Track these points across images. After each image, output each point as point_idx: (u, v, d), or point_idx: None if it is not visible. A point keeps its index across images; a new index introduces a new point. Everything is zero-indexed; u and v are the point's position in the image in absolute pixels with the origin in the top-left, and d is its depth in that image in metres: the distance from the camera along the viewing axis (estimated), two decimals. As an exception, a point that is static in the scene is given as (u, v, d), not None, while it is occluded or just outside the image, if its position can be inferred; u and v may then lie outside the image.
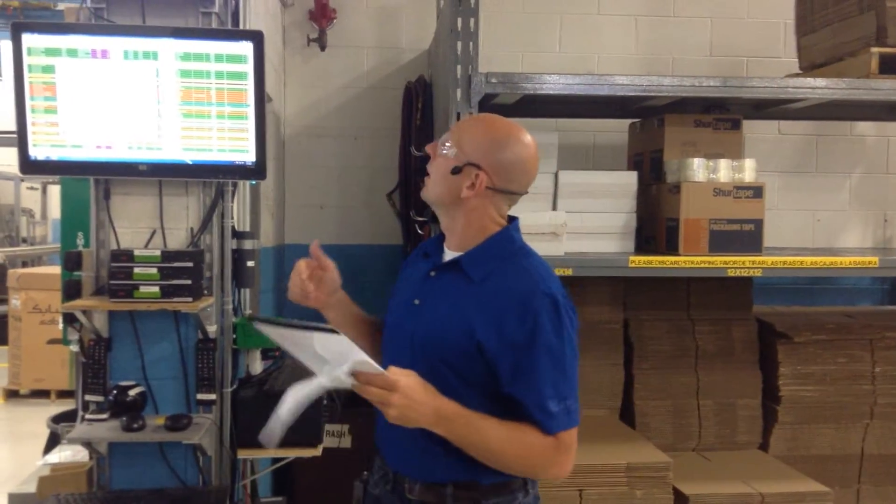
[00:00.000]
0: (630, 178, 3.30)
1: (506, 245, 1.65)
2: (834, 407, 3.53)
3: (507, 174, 1.63)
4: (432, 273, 1.68)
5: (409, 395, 1.44)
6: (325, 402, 2.73)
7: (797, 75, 3.68)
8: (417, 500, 1.63)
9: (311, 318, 1.46)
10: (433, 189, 1.67)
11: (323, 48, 3.92)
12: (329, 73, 3.99)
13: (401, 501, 1.66)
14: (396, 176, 3.90)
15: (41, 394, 6.58)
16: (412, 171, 3.73)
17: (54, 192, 10.12)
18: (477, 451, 1.53)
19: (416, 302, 1.66)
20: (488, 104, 3.34)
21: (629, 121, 3.73)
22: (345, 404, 3.00)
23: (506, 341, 1.53)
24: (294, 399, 1.44)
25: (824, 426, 3.54)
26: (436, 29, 3.71)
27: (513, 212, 2.03)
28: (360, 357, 1.40)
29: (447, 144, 1.64)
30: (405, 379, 1.45)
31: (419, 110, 3.72)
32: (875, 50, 3.21)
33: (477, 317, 1.55)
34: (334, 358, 1.43)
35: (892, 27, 3.23)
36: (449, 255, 1.68)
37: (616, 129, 3.85)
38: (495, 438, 1.52)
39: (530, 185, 1.68)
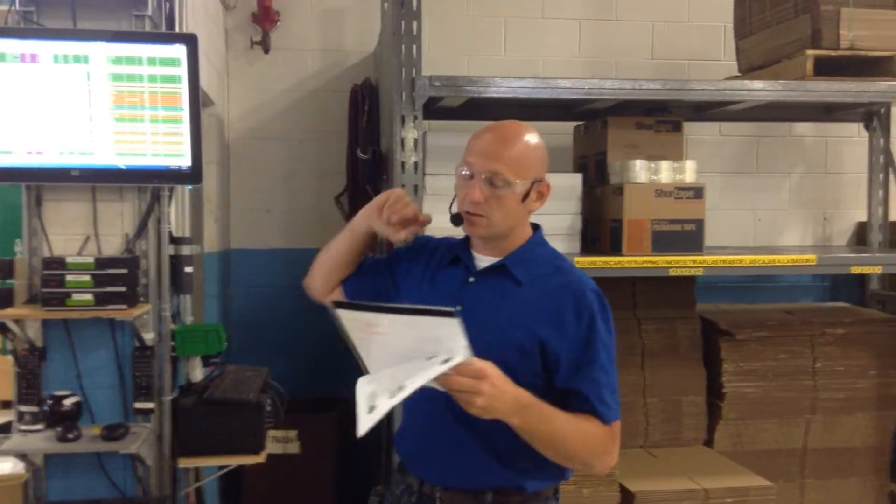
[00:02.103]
0: (575, 181, 3.33)
1: (543, 248, 1.73)
2: (776, 402, 3.59)
3: (546, 167, 1.73)
4: (471, 279, 1.69)
5: (497, 384, 1.44)
6: (268, 408, 2.70)
7: (736, 78, 3.76)
8: None
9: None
10: (503, 225, 1.65)
11: (267, 51, 3.88)
12: (273, 75, 3.96)
13: None
14: (344, 179, 3.88)
15: (-15, 405, 6.42)
16: (360, 174, 3.72)
17: None
18: (545, 440, 1.55)
19: (458, 308, 1.62)
20: (433, 107, 3.35)
21: (574, 123, 3.77)
22: (289, 410, 2.98)
23: (567, 338, 1.59)
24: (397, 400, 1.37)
25: (767, 421, 3.59)
26: (380, 31, 3.70)
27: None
28: (464, 342, 1.38)
29: (504, 180, 1.61)
30: (491, 368, 1.45)
31: (366, 113, 3.71)
32: (810, 52, 3.29)
33: (537, 317, 1.61)
34: (425, 346, 1.40)
35: (827, 30, 3.31)
36: (483, 259, 1.71)
37: (562, 132, 3.87)
38: (562, 428, 1.55)
39: None
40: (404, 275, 1.81)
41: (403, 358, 1.42)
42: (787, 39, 3.49)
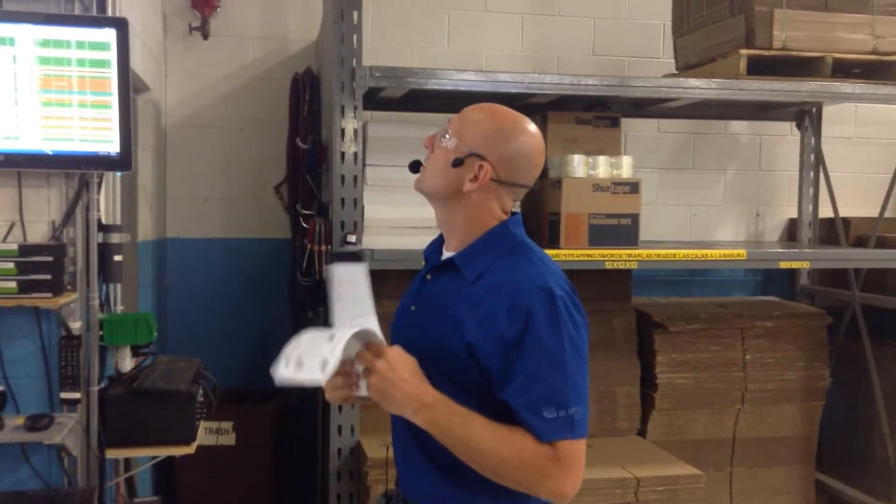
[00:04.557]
0: (515, 173, 3.35)
1: (503, 240, 1.53)
2: (707, 393, 3.68)
3: (512, 165, 1.52)
4: (428, 276, 1.58)
5: (394, 367, 1.37)
6: (199, 398, 2.67)
7: (673, 76, 3.83)
8: None
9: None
10: (430, 182, 1.56)
11: (206, 37, 3.81)
12: (213, 62, 3.89)
13: None
14: (284, 168, 3.86)
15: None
16: (300, 163, 3.70)
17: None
18: (463, 448, 1.40)
19: (413, 309, 1.57)
20: (375, 98, 3.35)
21: (516, 117, 3.79)
22: (225, 401, 2.95)
23: (497, 340, 1.41)
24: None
25: (699, 412, 3.69)
26: (322, 20, 3.68)
27: (402, 205, 1.99)
28: (367, 294, 1.41)
29: (447, 136, 1.54)
30: (395, 352, 1.40)
31: (307, 102, 3.69)
32: (744, 52, 3.37)
33: (468, 317, 1.45)
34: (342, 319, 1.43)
35: (761, 30, 3.40)
36: (447, 256, 1.58)
37: (504, 126, 3.89)
38: (482, 437, 1.38)
39: (536, 177, 1.58)
40: None
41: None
42: (722, 38, 3.57)
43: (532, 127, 1.55)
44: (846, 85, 3.38)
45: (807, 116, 4.15)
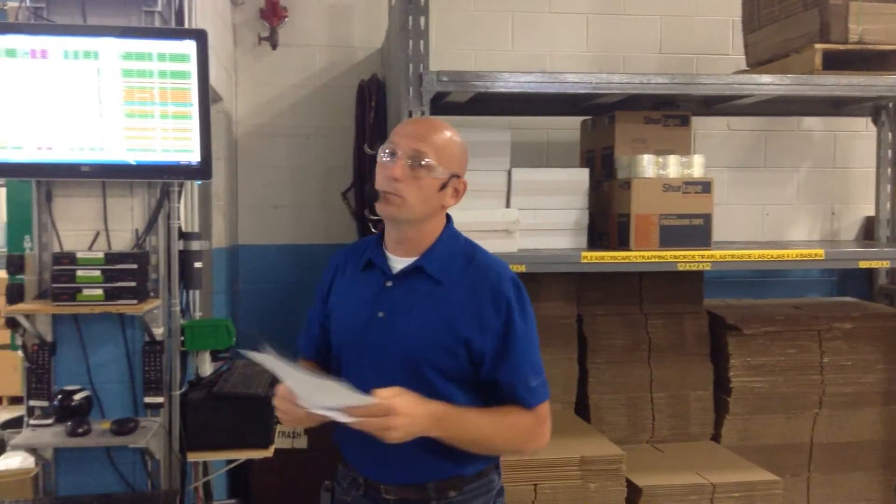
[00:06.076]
0: (582, 175, 3.32)
1: (455, 241, 1.71)
2: (783, 397, 3.59)
3: (465, 170, 1.72)
4: (389, 283, 1.67)
5: (408, 412, 1.48)
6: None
7: (744, 72, 3.74)
8: (396, 499, 1.66)
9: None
10: (419, 210, 1.62)
11: (274, 47, 3.89)
12: (281, 71, 3.96)
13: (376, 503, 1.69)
14: (351, 175, 3.89)
15: (-7, 400, 6.44)
16: (367, 169, 3.73)
17: (3, 194, 9.88)
18: (469, 442, 1.60)
19: (381, 314, 1.65)
20: (440, 102, 3.35)
21: (582, 118, 3.77)
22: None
23: (488, 331, 1.61)
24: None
25: (774, 416, 3.59)
26: (388, 27, 3.70)
27: (467, 209, 2.10)
28: (346, 393, 1.44)
29: (426, 163, 1.59)
30: (399, 399, 1.48)
31: (373, 109, 3.72)
32: (819, 46, 3.27)
33: (460, 315, 1.61)
34: (323, 395, 1.49)
35: (836, 24, 3.30)
36: (398, 261, 1.68)
37: (569, 127, 3.88)
38: (484, 426, 1.59)
39: None
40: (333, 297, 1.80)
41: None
42: (795, 33, 3.48)
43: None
44: (925, 79, 3.27)
45: (883, 111, 4.01)
